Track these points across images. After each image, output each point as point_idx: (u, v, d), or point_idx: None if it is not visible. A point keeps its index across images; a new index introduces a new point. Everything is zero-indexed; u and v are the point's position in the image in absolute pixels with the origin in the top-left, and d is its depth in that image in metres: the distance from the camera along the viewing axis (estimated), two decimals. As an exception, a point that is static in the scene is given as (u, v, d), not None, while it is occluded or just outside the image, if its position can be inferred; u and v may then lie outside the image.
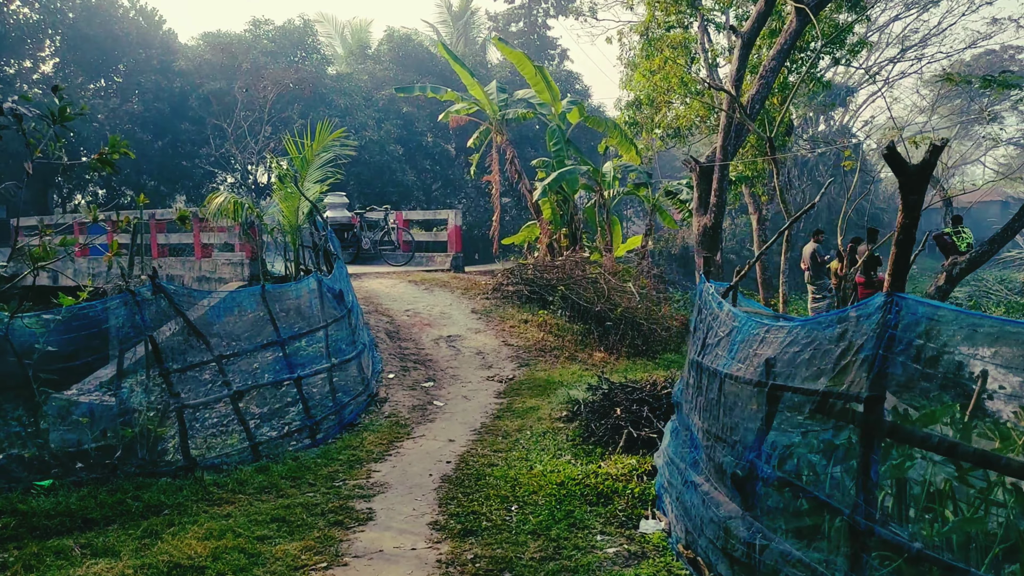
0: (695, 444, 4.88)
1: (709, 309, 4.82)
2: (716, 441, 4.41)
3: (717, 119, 18.08)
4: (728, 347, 4.35)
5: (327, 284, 9.38)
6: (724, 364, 4.33)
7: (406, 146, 29.44)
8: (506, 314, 13.59)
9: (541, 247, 17.23)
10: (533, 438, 7.94)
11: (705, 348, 4.73)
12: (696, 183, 14.80)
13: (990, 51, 47.96)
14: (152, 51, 28.35)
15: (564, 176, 15.47)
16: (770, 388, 3.75)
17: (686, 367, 5.35)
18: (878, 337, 3.08)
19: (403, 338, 12.18)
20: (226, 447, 7.66)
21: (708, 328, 4.76)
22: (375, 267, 18.01)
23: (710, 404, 4.52)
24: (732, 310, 4.46)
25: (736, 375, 4.15)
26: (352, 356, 9.38)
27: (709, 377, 4.53)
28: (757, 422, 3.93)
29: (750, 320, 4.18)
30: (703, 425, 4.66)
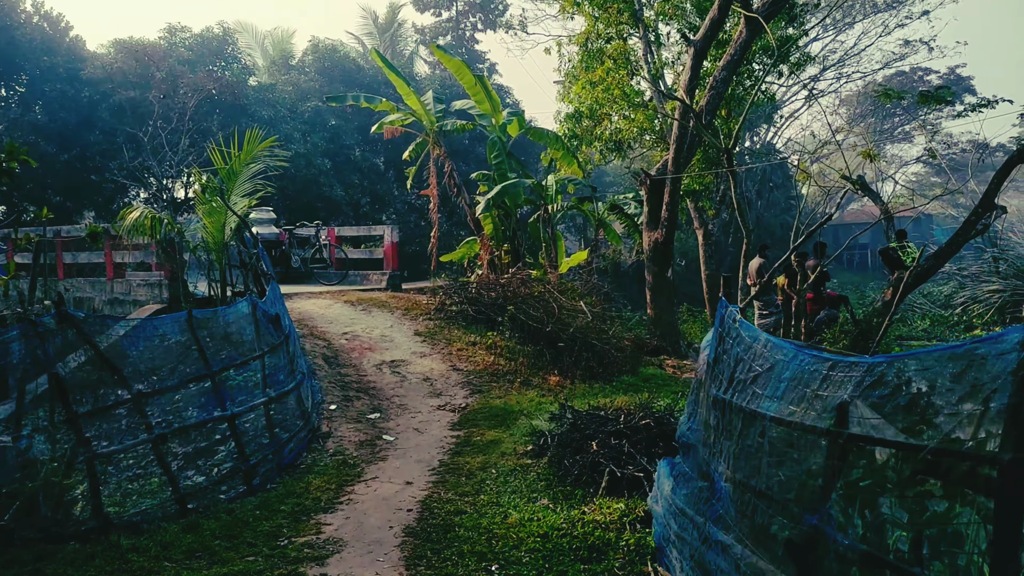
0: (720, 495, 4.15)
1: (737, 339, 4.12)
2: (757, 497, 3.69)
3: (661, 132, 17.70)
4: (771, 385, 3.65)
5: (262, 307, 8.39)
6: (768, 406, 3.62)
7: (334, 160, 28.28)
8: (452, 336, 12.73)
9: (482, 264, 16.44)
10: (500, 478, 7.12)
11: (735, 384, 4.02)
12: (646, 197, 14.31)
13: (900, 72, 49.66)
14: (58, 58, 26.46)
15: (508, 189, 14.76)
16: (847, 439, 3.05)
17: (700, 403, 4.64)
18: (1019, 381, 2.40)
19: (343, 364, 11.20)
20: (146, 499, 6.59)
21: (737, 361, 4.06)
22: (307, 287, 16.92)
23: (746, 451, 3.81)
24: (774, 341, 3.76)
25: (788, 420, 3.44)
26: (291, 387, 8.40)
27: (745, 420, 3.82)
28: (821, 479, 3.23)
29: (802, 354, 3.48)
30: (733, 475, 3.94)
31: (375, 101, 16.97)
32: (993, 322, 25.64)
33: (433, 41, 42.65)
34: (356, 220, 29.13)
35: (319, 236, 17.72)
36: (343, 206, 27.81)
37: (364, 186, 29.87)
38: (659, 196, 14.11)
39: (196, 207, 12.06)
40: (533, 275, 15.43)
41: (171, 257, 13.10)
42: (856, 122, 50.21)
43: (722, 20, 13.26)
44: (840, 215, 73.01)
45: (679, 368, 13.56)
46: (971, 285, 27.96)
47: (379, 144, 31.33)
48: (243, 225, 11.44)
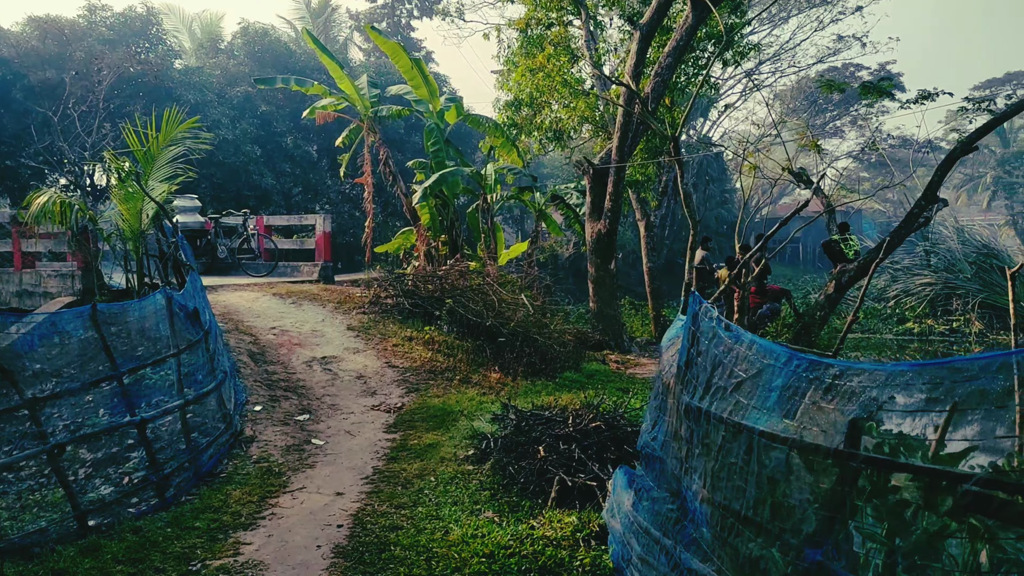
0: (693, 517, 3.67)
1: (715, 339, 3.62)
2: (742, 523, 3.21)
3: (603, 120, 17.30)
4: (760, 395, 3.17)
5: (178, 301, 7.61)
6: (757, 418, 3.13)
7: (264, 147, 27.14)
8: (387, 331, 12.06)
9: (419, 255, 15.77)
10: (440, 487, 6.54)
11: (713, 392, 3.53)
12: (589, 187, 13.86)
13: (833, 68, 50.50)
14: (-34, 34, 24.70)
15: (446, 178, 14.12)
16: (862, 462, 2.57)
17: (669, 411, 4.14)
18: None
19: (270, 361, 10.44)
20: (41, 518, 5.81)
21: (715, 365, 3.56)
22: (233, 278, 16.03)
23: (728, 470, 3.32)
24: (761, 342, 3.27)
25: (784, 436, 2.96)
26: (211, 388, 7.65)
27: (727, 433, 3.33)
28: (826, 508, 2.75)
29: (797, 359, 3.00)
30: (712, 496, 3.46)
31: (307, 84, 16.12)
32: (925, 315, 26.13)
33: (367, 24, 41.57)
34: (288, 210, 28.01)
35: (247, 225, 16.78)
36: (274, 195, 26.71)
37: (296, 175, 28.76)
38: (602, 186, 13.68)
39: (112, 193, 11.13)
40: (471, 267, 14.83)
41: (84, 246, 12.11)
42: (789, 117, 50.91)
43: (669, 2, 12.84)
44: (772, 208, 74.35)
45: (623, 363, 13.18)
46: (904, 279, 28.47)
47: (312, 132, 30.25)
48: (162, 212, 10.57)
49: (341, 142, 17.07)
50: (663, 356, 4.77)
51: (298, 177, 28.74)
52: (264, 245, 17.38)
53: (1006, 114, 13.07)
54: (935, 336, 24.51)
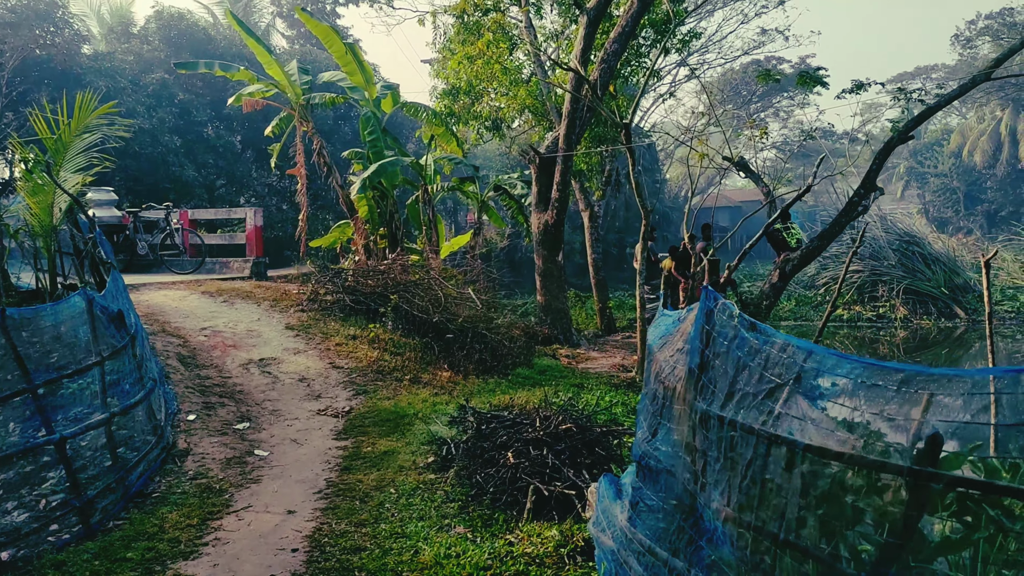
0: (711, 537, 3.26)
1: (738, 340, 3.21)
2: (779, 547, 2.80)
3: (544, 109, 16.91)
4: (799, 403, 2.76)
5: (100, 303, 6.86)
6: (797, 430, 2.73)
7: (184, 137, 25.83)
8: (329, 329, 11.40)
9: (357, 249, 15.08)
10: (402, 499, 6.01)
11: (736, 399, 3.12)
12: (535, 176, 13.44)
13: (756, 61, 51.43)
14: None
15: (386, 168, 13.46)
16: (947, 484, 2.19)
17: (676, 419, 3.72)
18: None
19: (202, 364, 9.68)
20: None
21: (739, 368, 3.15)
22: (157, 276, 15.01)
23: (760, 487, 2.91)
24: (798, 343, 2.87)
25: (835, 451, 2.56)
26: (140, 398, 6.93)
27: (759, 446, 2.92)
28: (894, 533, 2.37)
29: (848, 362, 2.61)
30: (739, 516, 3.05)
31: (232, 70, 15.20)
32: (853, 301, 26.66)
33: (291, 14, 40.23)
34: (211, 204, 26.76)
35: (169, 220, 15.74)
36: (196, 188, 25.46)
37: (219, 167, 27.51)
38: (549, 175, 13.29)
39: (17, 186, 10.15)
40: (412, 260, 14.25)
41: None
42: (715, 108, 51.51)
43: (617, -14, 12.49)
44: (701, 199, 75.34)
45: (573, 358, 12.84)
46: (833, 266, 29.06)
47: (236, 122, 28.99)
48: (76, 206, 9.68)
49: (271, 131, 16.20)
50: (656, 356, 4.35)
51: (222, 169, 27.51)
52: (189, 240, 16.39)
53: (940, 104, 13.19)
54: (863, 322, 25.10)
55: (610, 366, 12.41)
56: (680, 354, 3.98)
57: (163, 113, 24.91)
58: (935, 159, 55.20)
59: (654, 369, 4.41)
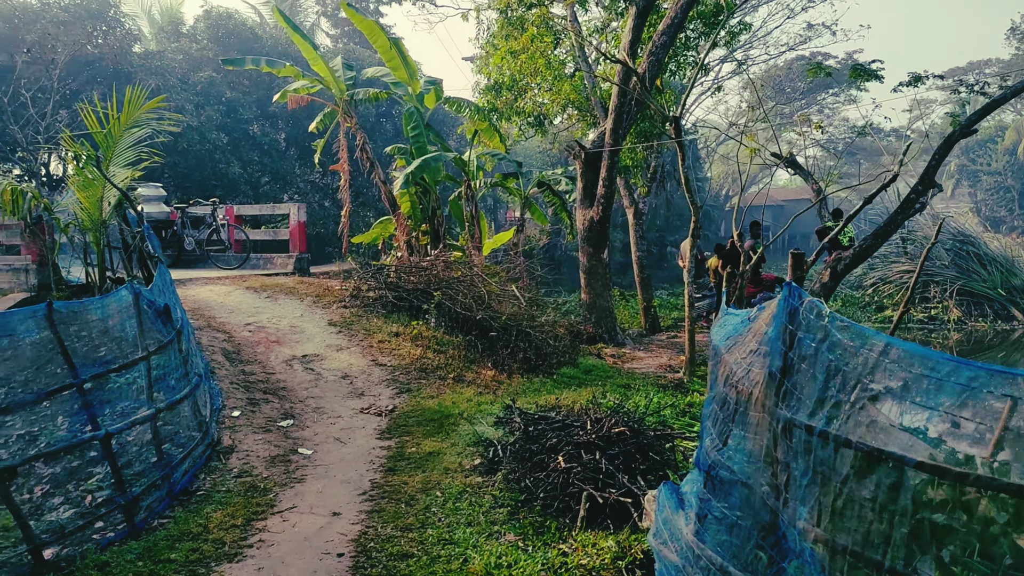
0: (799, 558, 2.98)
1: (827, 342, 2.93)
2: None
3: (587, 104, 16.63)
4: (910, 413, 2.48)
5: (147, 297, 6.77)
6: (908, 444, 2.45)
7: (231, 135, 26.03)
8: (371, 326, 11.26)
9: (399, 245, 14.95)
10: (449, 503, 5.81)
11: (828, 407, 2.84)
12: (580, 172, 13.17)
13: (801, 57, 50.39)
14: (-92, 16, 23.23)
15: (429, 163, 13.32)
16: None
17: (750, 426, 3.45)
18: None
19: (246, 360, 9.61)
20: None
21: (831, 374, 2.88)
22: (202, 271, 15.08)
23: (859, 507, 2.64)
24: (907, 347, 2.59)
25: (957, 472, 2.28)
26: (185, 393, 6.83)
27: (858, 461, 2.64)
28: None
29: (970, 369, 2.32)
30: (830, 536, 2.77)
31: (278, 66, 15.17)
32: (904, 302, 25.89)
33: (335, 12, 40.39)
34: (256, 200, 26.94)
35: (216, 215, 15.80)
36: (241, 184, 25.64)
37: (264, 164, 27.69)
38: (594, 171, 13.01)
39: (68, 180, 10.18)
40: (454, 257, 14.09)
41: (39, 238, 11.13)
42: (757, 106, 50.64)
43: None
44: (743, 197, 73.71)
45: (618, 357, 12.55)
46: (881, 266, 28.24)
47: (280, 119, 29.19)
48: (125, 200, 9.66)
49: (315, 127, 16.17)
50: (724, 358, 4.08)
51: (266, 166, 27.68)
52: (235, 236, 16.43)
53: (1006, 96, 12.62)
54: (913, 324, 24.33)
55: (657, 366, 12.11)
56: (755, 356, 3.70)
57: (210, 111, 25.12)
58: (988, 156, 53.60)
59: (722, 372, 4.14)
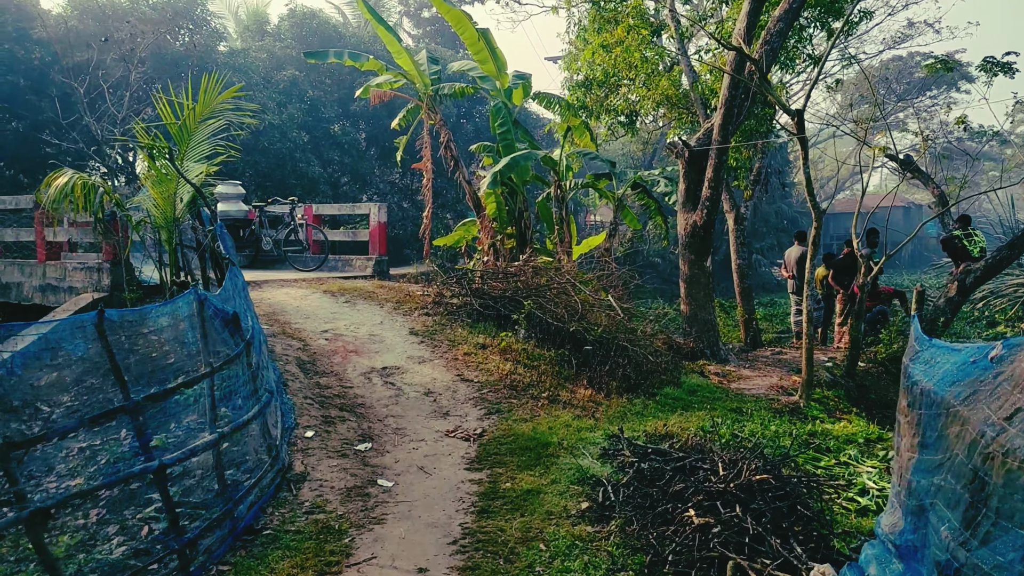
0: None
1: None
2: None
3: (685, 100, 15.47)
4: None
5: (213, 303, 5.96)
6: None
7: (311, 134, 25.72)
8: (455, 336, 10.37)
9: (484, 249, 14.08)
10: (557, 561, 4.80)
11: None
12: (683, 172, 12.04)
13: (897, 57, 47.76)
14: (6, 16, 23.55)
15: (518, 162, 12.37)
16: None
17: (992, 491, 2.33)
18: None
19: (322, 371, 8.81)
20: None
21: None
22: (279, 273, 14.56)
23: None
24: None
25: None
26: (253, 414, 5.99)
27: None
28: None
29: None
30: None
31: (361, 59, 14.50)
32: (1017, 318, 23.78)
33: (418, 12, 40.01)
34: (335, 200, 26.60)
35: (294, 215, 15.23)
36: (320, 184, 25.27)
37: (344, 163, 27.31)
38: (699, 171, 11.88)
39: (141, 175, 9.61)
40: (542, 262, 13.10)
41: (111, 235, 10.59)
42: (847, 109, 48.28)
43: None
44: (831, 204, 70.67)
45: (724, 376, 11.35)
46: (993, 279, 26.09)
47: (361, 119, 28.82)
48: (199, 196, 8.99)
49: (397, 124, 15.43)
50: (960, 411, 2.95)
51: (346, 166, 27.30)
52: (313, 236, 15.86)
53: None
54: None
55: (767, 387, 10.87)
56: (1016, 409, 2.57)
57: (292, 109, 24.83)
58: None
59: (957, 432, 3.00)
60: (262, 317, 10.32)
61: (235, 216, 15.14)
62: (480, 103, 30.52)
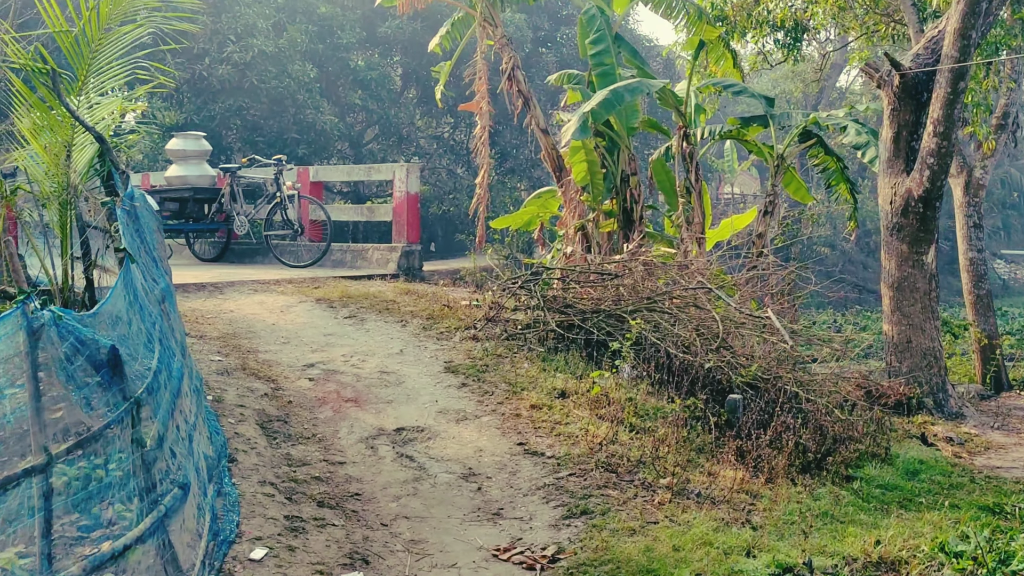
0: None
1: None
2: None
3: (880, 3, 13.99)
4: None
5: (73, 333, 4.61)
6: None
7: (322, 68, 24.94)
8: (518, 376, 9.21)
9: (568, 234, 12.91)
10: None
11: None
12: (889, 111, 10.59)
13: None
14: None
15: (622, 96, 11.19)
16: None
17: None
18: None
19: (297, 436, 7.71)
20: None
21: None
22: (258, 269, 13.96)
23: None
24: None
25: None
26: (139, 534, 4.61)
27: None
28: None
29: None
30: None
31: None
32: None
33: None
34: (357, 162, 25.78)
35: (280, 182, 14.11)
36: (335, 139, 24.50)
37: (370, 110, 26.48)
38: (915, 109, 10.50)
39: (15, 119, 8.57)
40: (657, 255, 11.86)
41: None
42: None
43: None
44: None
45: (960, 443, 9.93)
46: None
47: (395, 46, 27.86)
48: (105, 150, 7.85)
49: (438, 45, 14.38)
50: None
51: (373, 114, 26.44)
52: (309, 215, 15.03)
53: None
54: None
55: None
56: None
57: (295, 32, 23.91)
58: None
59: None
60: (214, 341, 9.42)
61: (195, 184, 14.59)
62: (567, 22, 29.26)
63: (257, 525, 6.24)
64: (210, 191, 14.87)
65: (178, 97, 22.48)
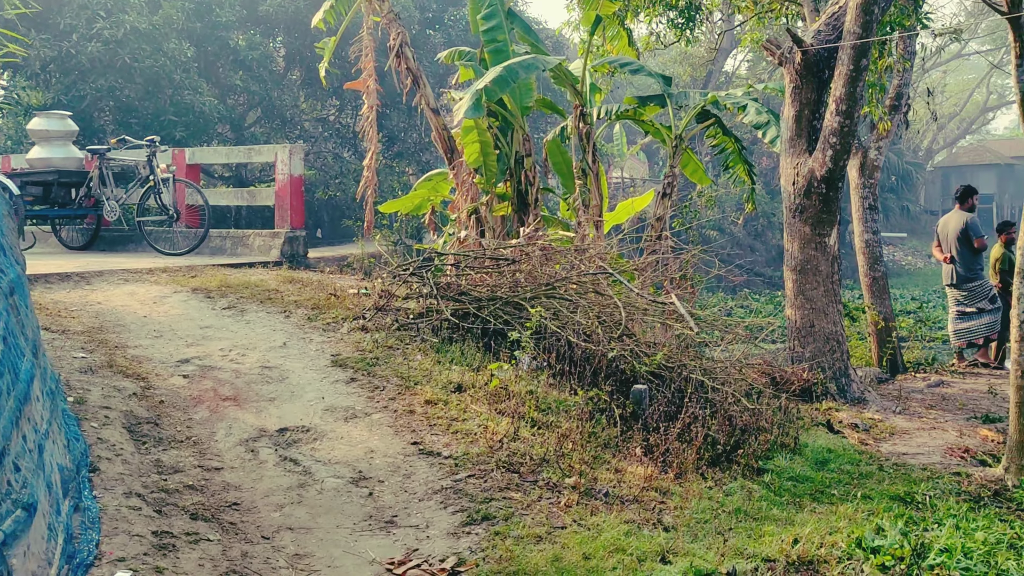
0: None
1: None
2: None
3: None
4: None
5: None
6: None
7: (200, 47, 23.97)
8: (412, 369, 8.66)
9: (461, 218, 12.45)
10: None
11: None
12: (791, 89, 10.37)
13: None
14: None
15: (516, 72, 10.72)
16: None
17: None
18: None
19: (169, 439, 7.06)
20: None
21: None
22: (130, 257, 13.20)
23: None
24: None
25: None
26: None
27: None
28: None
29: None
30: None
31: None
32: None
33: None
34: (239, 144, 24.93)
35: (154, 164, 13.56)
36: (214, 122, 23.61)
37: (252, 92, 25.63)
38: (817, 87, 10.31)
39: None
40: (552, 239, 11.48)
41: None
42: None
43: None
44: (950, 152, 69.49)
45: (865, 429, 9.75)
46: None
47: (277, 26, 27.03)
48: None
49: (321, 20, 13.72)
50: None
51: (255, 95, 25.60)
52: (186, 199, 14.42)
53: None
54: None
55: (941, 450, 9.16)
56: None
57: (169, 8, 22.95)
58: None
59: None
60: (78, 336, 8.68)
61: (60, 167, 13.87)
62: (455, 3, 28.81)
63: (120, 544, 5.57)
64: (77, 174, 14.21)
65: (44, 76, 21.34)
